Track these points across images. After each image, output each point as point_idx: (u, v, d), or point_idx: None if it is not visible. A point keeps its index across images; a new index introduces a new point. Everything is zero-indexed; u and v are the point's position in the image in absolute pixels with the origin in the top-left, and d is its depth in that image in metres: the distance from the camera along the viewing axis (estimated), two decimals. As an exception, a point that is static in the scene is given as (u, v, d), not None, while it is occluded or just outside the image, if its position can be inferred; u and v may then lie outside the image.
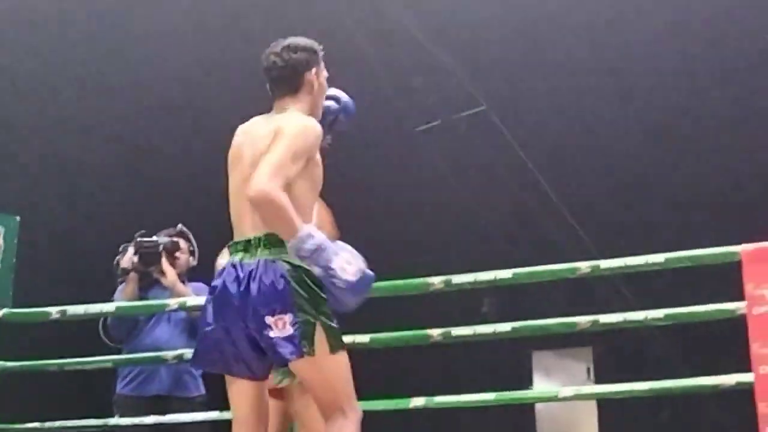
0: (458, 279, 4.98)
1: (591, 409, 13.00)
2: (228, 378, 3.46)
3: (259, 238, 3.38)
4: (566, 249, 10.42)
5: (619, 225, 10.88)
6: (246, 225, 3.43)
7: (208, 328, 3.39)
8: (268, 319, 3.28)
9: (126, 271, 5.66)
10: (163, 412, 5.37)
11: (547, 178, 10.67)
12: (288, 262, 3.34)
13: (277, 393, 4.21)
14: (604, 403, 12.48)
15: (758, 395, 4.43)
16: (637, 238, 8.17)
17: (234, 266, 3.38)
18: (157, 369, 5.56)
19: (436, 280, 4.94)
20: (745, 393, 4.49)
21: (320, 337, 3.32)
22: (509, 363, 12.43)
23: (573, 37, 9.38)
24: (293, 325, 3.27)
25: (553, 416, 13.75)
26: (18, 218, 5.79)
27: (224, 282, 3.38)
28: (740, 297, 4.52)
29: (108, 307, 5.45)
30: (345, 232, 4.12)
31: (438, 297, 5.81)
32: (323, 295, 3.34)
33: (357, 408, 3.45)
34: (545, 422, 13.65)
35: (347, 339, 3.83)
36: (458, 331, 5.00)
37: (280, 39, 3.67)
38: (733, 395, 4.86)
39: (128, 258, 5.66)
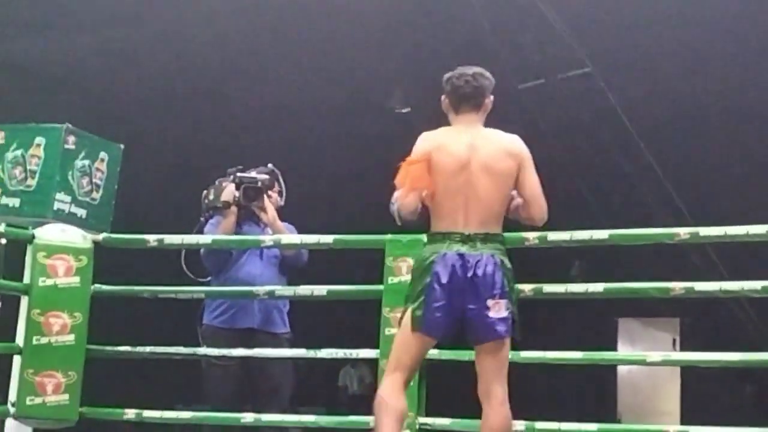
0: (554, 236, 4.95)
1: (674, 380, 12.92)
2: (418, 336, 4.13)
3: (479, 235, 4.09)
4: (661, 216, 10.33)
5: (717, 195, 10.73)
6: (460, 220, 4.11)
7: (437, 304, 4.06)
8: (489, 302, 4.02)
9: (228, 205, 5.68)
10: (252, 345, 5.44)
11: (648, 143, 10.55)
12: (501, 258, 4.09)
13: None
14: (687, 375, 12.38)
15: None
16: (735, 209, 8.04)
17: (461, 255, 4.06)
18: (249, 303, 5.61)
19: (532, 236, 4.92)
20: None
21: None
22: (595, 328, 12.39)
23: (683, 6, 9.23)
24: (507, 309, 4.07)
25: (636, 384, 13.69)
26: (122, 146, 5.87)
27: (453, 267, 4.05)
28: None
29: (205, 239, 5.53)
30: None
31: (528, 254, 5.81)
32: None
33: None
34: (627, 389, 13.60)
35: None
36: (550, 287, 4.99)
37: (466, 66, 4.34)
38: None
39: (230, 192, 5.68)
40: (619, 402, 13.46)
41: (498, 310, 4.02)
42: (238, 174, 5.72)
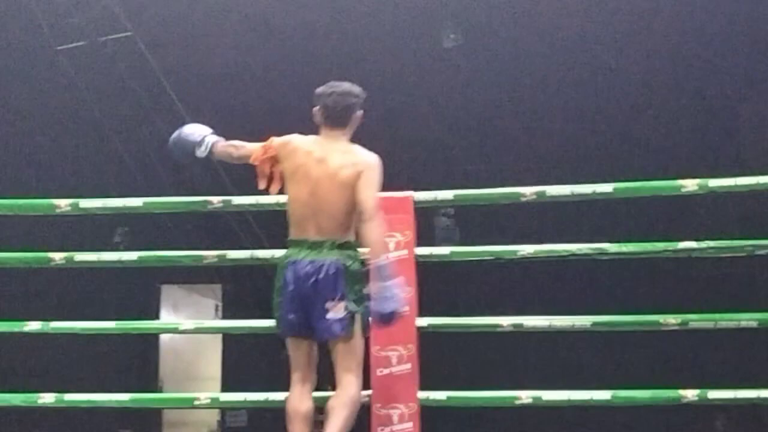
0: (86, 203, 4.87)
1: (216, 346, 13.09)
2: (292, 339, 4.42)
3: (326, 242, 4.34)
4: (203, 183, 10.42)
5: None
6: (310, 229, 4.36)
7: (288, 306, 4.35)
8: (328, 304, 4.30)
9: None
10: None
11: (187, 107, 10.59)
12: (344, 263, 4.34)
13: None
14: (229, 340, 12.60)
15: (374, 398, 4.61)
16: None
17: (306, 262, 4.33)
18: None
19: (63, 203, 4.80)
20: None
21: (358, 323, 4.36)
22: (137, 295, 12.31)
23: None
24: (346, 310, 4.32)
25: (178, 350, 13.76)
26: None
27: (299, 272, 4.33)
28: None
29: None
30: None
31: (68, 223, 5.63)
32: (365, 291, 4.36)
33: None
34: (169, 356, 13.63)
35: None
36: (82, 256, 4.87)
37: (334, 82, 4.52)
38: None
39: None
40: (162, 369, 13.46)
41: (336, 311, 4.29)
42: None
